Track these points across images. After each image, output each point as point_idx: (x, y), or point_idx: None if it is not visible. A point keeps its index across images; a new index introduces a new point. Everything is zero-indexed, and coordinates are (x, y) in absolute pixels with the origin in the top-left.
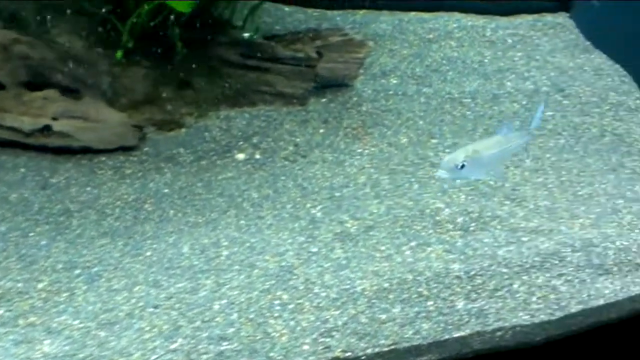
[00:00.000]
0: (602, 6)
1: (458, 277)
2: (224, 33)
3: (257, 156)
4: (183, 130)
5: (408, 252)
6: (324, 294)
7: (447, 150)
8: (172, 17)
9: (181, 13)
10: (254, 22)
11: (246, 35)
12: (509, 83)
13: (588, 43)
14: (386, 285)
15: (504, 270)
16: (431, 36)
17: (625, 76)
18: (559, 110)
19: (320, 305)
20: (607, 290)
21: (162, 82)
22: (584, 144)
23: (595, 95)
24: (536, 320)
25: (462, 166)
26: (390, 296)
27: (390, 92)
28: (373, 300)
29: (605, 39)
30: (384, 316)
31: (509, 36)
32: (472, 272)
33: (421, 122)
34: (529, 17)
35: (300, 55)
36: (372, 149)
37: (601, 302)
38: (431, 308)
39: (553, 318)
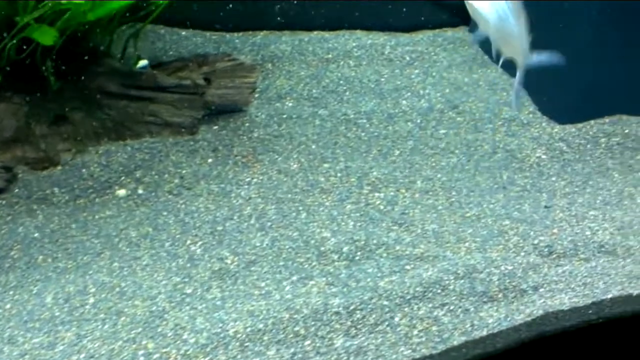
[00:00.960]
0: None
1: (337, 312)
2: (101, 63)
3: (140, 191)
4: (59, 168)
5: (288, 288)
6: (193, 340)
7: (338, 175)
8: (39, 49)
9: (52, 45)
10: (136, 51)
11: (129, 63)
12: (404, 102)
13: (486, 57)
14: (261, 325)
15: (385, 302)
16: (330, 56)
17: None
18: (452, 128)
19: (188, 352)
20: (491, 320)
21: (36, 118)
22: (476, 162)
23: (489, 110)
24: (417, 355)
25: None
26: (265, 338)
27: (285, 116)
28: (246, 344)
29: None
30: None
31: (407, 53)
32: (352, 307)
33: (314, 146)
34: (430, 33)
35: (187, 82)
36: (261, 177)
37: (484, 332)
38: (308, 348)
39: (435, 352)
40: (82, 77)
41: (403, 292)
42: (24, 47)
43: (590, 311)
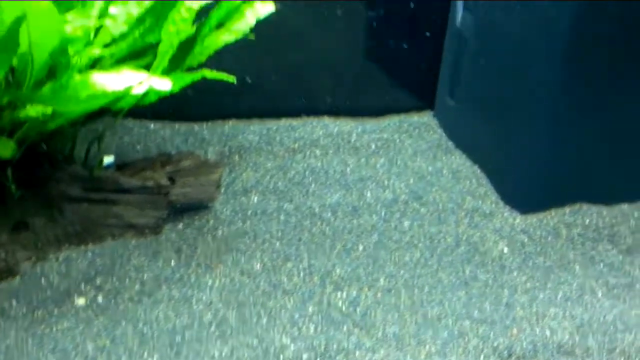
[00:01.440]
0: (461, 103)
1: None
2: (63, 169)
3: (99, 300)
4: (17, 278)
5: None
6: None
7: (301, 274)
8: None
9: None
10: (99, 151)
11: (93, 163)
12: (369, 193)
13: (450, 143)
14: None
15: None
16: (297, 145)
17: (482, 178)
18: (416, 220)
19: None
20: None
21: None
22: (439, 256)
23: (452, 201)
24: None
25: None
26: None
27: (249, 212)
28: None
29: (465, 138)
30: None
31: (373, 141)
32: None
33: (278, 244)
34: (396, 118)
35: (150, 184)
36: (224, 279)
37: None
38: None
39: None
40: (43, 184)
41: None
42: None
43: None
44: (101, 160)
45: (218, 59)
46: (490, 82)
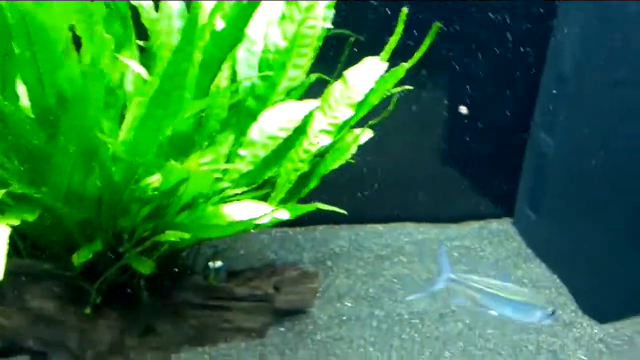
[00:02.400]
0: (541, 212)
1: None
2: (187, 279)
3: None
4: None
5: None
6: None
7: None
8: (137, 273)
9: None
10: (214, 264)
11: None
12: (453, 301)
13: (529, 251)
14: None
15: None
16: (384, 253)
17: (561, 287)
18: (498, 328)
19: None
20: None
21: (128, 331)
22: None
23: None
24: None
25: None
26: None
27: (344, 318)
28: None
29: (545, 247)
30: None
31: (455, 249)
32: None
33: (371, 349)
34: (476, 225)
35: (259, 292)
36: None
37: None
38: None
39: None
40: (171, 293)
41: None
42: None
43: None
44: (214, 268)
45: None
46: (569, 195)
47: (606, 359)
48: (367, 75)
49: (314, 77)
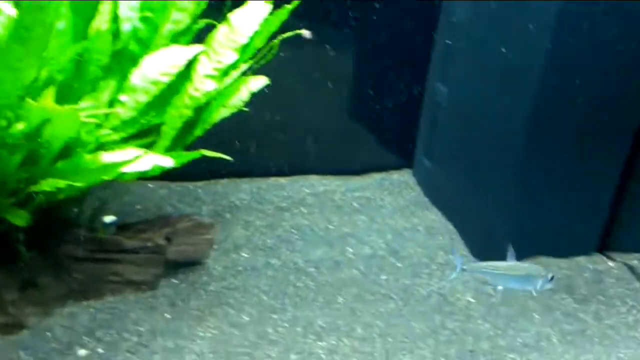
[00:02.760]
0: (436, 161)
1: None
2: (70, 232)
3: (100, 351)
4: (25, 331)
5: None
6: None
7: (286, 325)
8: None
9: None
10: (103, 214)
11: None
12: (349, 249)
13: (426, 199)
14: None
15: None
16: (284, 204)
17: (454, 233)
18: (392, 274)
19: None
20: None
21: (6, 285)
22: (412, 307)
23: (426, 255)
24: None
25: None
26: None
27: (240, 268)
28: None
29: (440, 195)
30: None
31: (356, 199)
32: None
33: (265, 297)
34: (378, 176)
35: (150, 244)
36: (214, 331)
37: None
38: None
39: None
40: (53, 246)
41: None
42: None
43: None
44: (104, 223)
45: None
46: (461, 146)
47: (494, 299)
48: (251, 18)
49: (203, 23)
